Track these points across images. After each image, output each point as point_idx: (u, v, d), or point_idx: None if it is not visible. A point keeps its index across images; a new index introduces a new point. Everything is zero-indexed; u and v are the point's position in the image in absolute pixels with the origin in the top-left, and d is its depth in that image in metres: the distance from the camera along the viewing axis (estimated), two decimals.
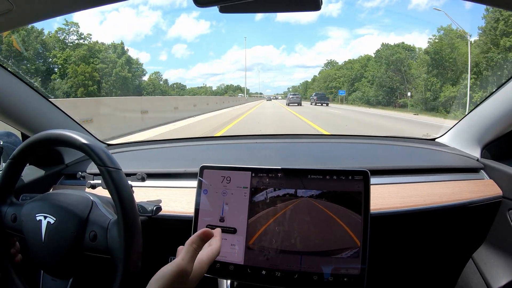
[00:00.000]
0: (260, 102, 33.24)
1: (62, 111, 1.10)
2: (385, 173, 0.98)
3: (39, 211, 0.67)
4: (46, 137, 0.66)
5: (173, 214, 0.84)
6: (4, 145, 0.99)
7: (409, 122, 11.94)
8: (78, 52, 27.15)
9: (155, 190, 0.93)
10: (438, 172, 1.00)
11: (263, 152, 1.26)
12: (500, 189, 0.92)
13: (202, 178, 0.72)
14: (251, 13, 0.57)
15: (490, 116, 0.95)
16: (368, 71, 30.65)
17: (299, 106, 21.75)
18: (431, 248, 1.02)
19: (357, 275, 0.64)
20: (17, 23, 0.67)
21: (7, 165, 0.69)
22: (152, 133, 7.83)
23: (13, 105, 0.91)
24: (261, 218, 0.68)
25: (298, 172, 0.69)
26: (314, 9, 0.54)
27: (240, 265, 0.67)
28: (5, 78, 0.88)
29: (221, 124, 9.49)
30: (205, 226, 0.70)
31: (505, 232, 0.90)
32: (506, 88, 0.89)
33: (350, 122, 11.20)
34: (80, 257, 0.65)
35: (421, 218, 0.89)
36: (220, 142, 1.42)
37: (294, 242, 0.66)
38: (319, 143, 1.40)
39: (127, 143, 1.39)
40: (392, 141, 1.33)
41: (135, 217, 0.61)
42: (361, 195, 0.66)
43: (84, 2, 0.61)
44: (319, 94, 25.95)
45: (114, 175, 0.61)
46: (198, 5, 0.50)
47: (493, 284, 0.88)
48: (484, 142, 1.02)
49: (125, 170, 0.64)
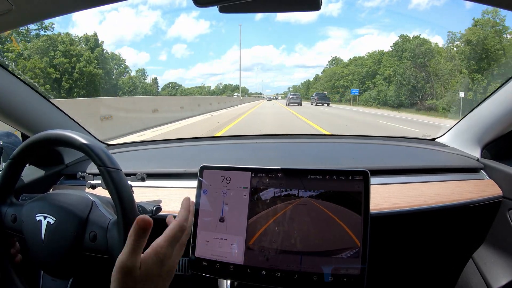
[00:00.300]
0: (260, 102, 32.02)
1: (62, 111, 1.10)
2: (385, 173, 0.98)
3: (39, 211, 0.67)
4: (46, 137, 0.66)
5: (173, 214, 0.83)
6: (4, 145, 0.99)
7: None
8: (34, 43, 22.12)
9: (155, 190, 0.93)
10: (438, 172, 1.00)
11: (263, 152, 1.26)
12: (500, 189, 0.92)
13: (202, 178, 0.72)
14: (251, 13, 0.57)
15: (490, 116, 0.95)
16: (384, 68, 26.77)
17: (299, 106, 21.53)
18: (431, 248, 1.02)
19: (357, 275, 0.64)
20: (17, 23, 0.67)
21: (7, 165, 0.69)
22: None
23: (13, 105, 0.91)
24: (261, 218, 0.68)
25: (298, 172, 0.69)
26: (314, 9, 0.54)
27: (240, 265, 0.67)
28: (5, 78, 0.88)
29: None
30: (205, 226, 0.70)
31: (505, 232, 0.90)
32: (506, 88, 0.89)
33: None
34: (80, 257, 0.65)
35: (421, 218, 0.89)
36: (220, 142, 1.42)
37: (294, 242, 0.66)
38: (319, 143, 1.40)
39: (127, 143, 1.39)
40: (392, 141, 1.33)
41: (135, 218, 0.61)
42: (361, 195, 0.66)
43: (84, 2, 0.61)
44: (320, 94, 25.77)
45: (114, 175, 0.61)
46: (197, 5, 0.50)
47: (493, 284, 0.88)
48: (484, 142, 1.02)
49: (125, 170, 0.64)
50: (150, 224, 0.46)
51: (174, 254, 0.49)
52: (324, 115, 14.14)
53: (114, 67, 31.00)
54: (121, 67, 31.95)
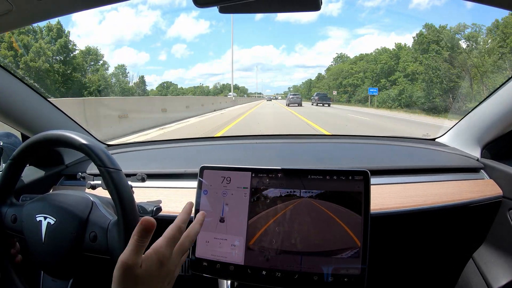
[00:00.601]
0: (259, 103, 30.24)
1: (62, 111, 1.10)
2: (385, 173, 0.98)
3: (39, 212, 0.67)
4: (46, 138, 0.66)
5: (173, 214, 0.84)
6: (4, 145, 0.99)
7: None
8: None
9: (155, 191, 0.93)
10: (438, 172, 1.00)
11: (263, 152, 1.26)
12: (500, 189, 0.92)
13: (202, 179, 0.72)
14: (251, 13, 0.57)
15: (490, 115, 0.95)
16: (404, 63, 22.40)
17: (299, 106, 21.33)
18: (432, 248, 1.02)
19: (357, 275, 0.64)
20: (17, 24, 0.67)
21: (7, 166, 0.69)
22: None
23: (13, 105, 0.91)
24: (261, 219, 0.68)
25: (298, 172, 0.69)
26: (314, 9, 0.54)
27: (240, 266, 0.67)
28: (5, 78, 0.88)
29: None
30: (205, 226, 0.70)
31: (505, 232, 0.90)
32: (506, 88, 0.89)
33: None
34: (80, 258, 0.65)
35: (421, 218, 0.89)
36: (220, 142, 1.42)
37: (294, 242, 0.66)
38: (319, 143, 1.40)
39: (127, 144, 1.39)
40: (392, 141, 1.33)
41: (135, 218, 0.61)
42: (361, 195, 0.66)
43: (84, 2, 0.61)
44: (320, 94, 25.41)
45: (114, 175, 0.61)
46: (197, 5, 0.50)
47: (493, 284, 0.88)
48: (484, 141, 1.02)
49: (125, 171, 0.64)
50: (154, 225, 0.47)
51: (173, 256, 0.49)
52: (340, 121, 11.01)
53: (91, 63, 26.16)
54: (98, 64, 26.52)
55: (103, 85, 25.53)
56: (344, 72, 30.44)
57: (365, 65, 28.10)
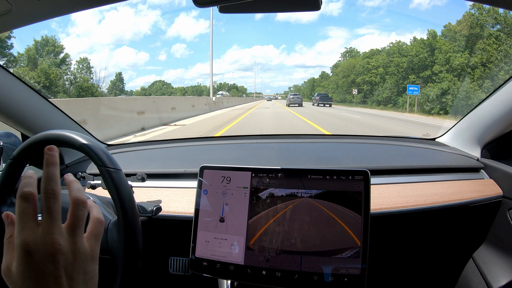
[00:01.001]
0: (259, 103, 29.27)
1: (62, 111, 1.10)
2: (385, 173, 0.98)
3: (39, 212, 0.67)
4: (46, 138, 0.66)
5: (173, 214, 0.84)
6: (4, 145, 0.99)
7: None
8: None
9: (155, 191, 0.93)
10: (438, 172, 1.00)
11: (263, 152, 1.26)
12: (500, 189, 0.92)
13: (202, 178, 0.72)
14: (251, 13, 0.57)
15: (490, 115, 0.95)
16: (445, 54, 16.87)
17: (300, 106, 21.14)
18: (432, 248, 1.02)
19: (357, 275, 0.64)
20: (16, 24, 0.67)
21: (7, 166, 0.69)
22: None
23: (13, 105, 0.91)
24: (261, 218, 0.68)
25: (298, 172, 0.69)
26: (314, 9, 0.54)
27: (240, 265, 0.67)
28: (5, 79, 0.88)
29: None
30: (205, 226, 0.70)
31: (505, 232, 0.90)
32: (506, 88, 0.89)
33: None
34: None
35: (421, 218, 0.89)
36: (220, 142, 1.42)
37: (295, 242, 0.66)
38: (319, 143, 1.40)
39: (127, 144, 1.39)
40: (392, 141, 1.33)
41: (135, 218, 0.61)
42: (361, 195, 0.66)
43: (84, 2, 0.61)
44: (321, 95, 24.91)
45: (114, 175, 0.61)
46: (197, 5, 0.50)
47: (493, 283, 0.88)
48: (484, 141, 1.02)
49: (125, 171, 0.64)
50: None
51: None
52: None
53: (47, 56, 22.37)
54: (58, 57, 22.48)
55: (42, 83, 20.23)
56: (357, 67, 24.76)
57: (386, 59, 22.34)
